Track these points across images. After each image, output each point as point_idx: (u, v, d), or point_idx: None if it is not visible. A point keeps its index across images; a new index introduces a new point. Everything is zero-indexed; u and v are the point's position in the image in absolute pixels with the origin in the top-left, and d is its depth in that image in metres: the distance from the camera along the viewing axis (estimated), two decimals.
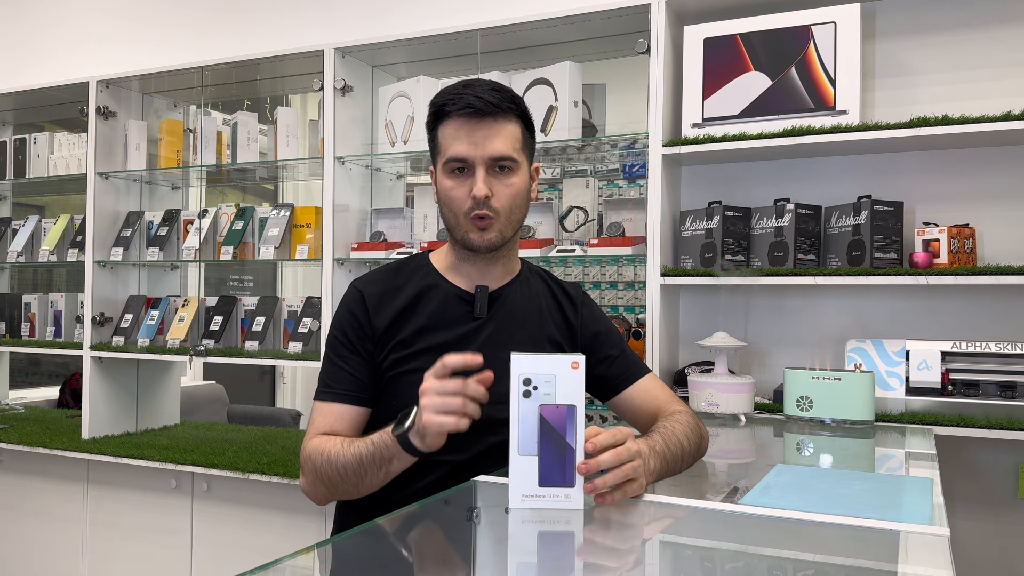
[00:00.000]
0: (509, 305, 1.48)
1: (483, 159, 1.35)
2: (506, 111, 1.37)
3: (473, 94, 1.35)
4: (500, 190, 1.37)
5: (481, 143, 1.35)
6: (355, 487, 1.31)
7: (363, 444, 1.28)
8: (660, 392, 1.53)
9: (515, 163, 1.38)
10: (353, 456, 1.28)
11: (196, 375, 4.81)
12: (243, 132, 2.86)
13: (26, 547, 2.99)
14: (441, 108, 1.38)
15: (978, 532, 2.12)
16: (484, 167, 1.36)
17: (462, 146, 1.35)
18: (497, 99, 1.35)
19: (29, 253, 3.30)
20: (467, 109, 1.34)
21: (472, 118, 1.35)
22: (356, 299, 1.45)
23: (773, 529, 1.06)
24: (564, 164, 2.85)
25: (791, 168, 2.31)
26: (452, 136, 1.37)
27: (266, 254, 2.73)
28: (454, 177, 1.38)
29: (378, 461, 1.26)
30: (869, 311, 2.22)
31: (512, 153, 1.37)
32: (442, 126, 1.39)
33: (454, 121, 1.36)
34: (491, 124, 1.35)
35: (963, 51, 2.15)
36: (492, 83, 1.38)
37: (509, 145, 1.37)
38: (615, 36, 2.39)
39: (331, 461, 1.31)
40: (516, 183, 1.39)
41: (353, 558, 1.00)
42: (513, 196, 1.39)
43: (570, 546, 1.05)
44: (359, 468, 1.28)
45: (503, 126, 1.37)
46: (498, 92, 1.37)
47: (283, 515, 2.52)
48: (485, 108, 1.34)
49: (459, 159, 1.36)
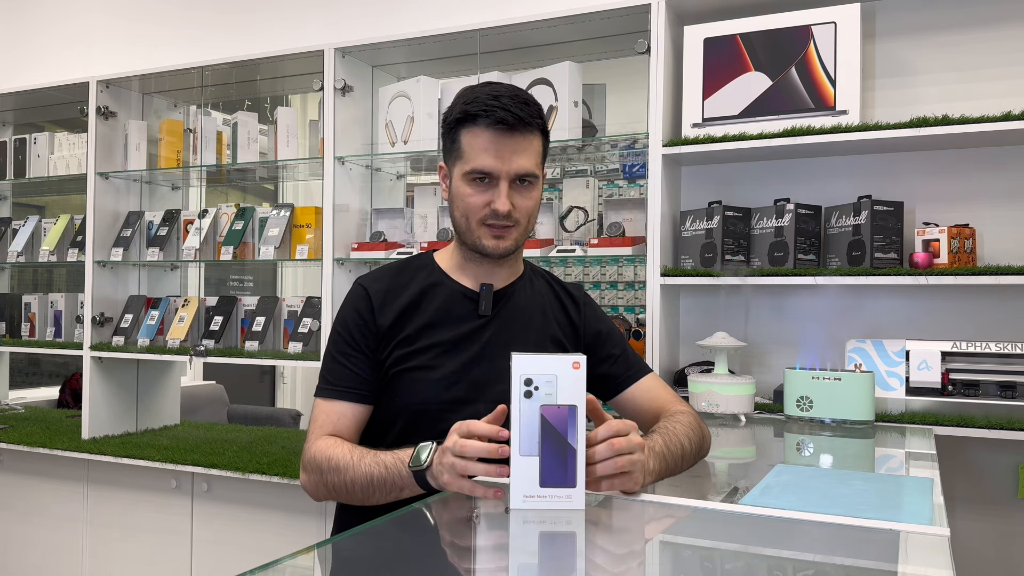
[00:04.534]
0: (513, 304, 1.49)
1: (508, 174, 1.36)
2: (533, 126, 1.37)
3: (503, 108, 1.34)
4: (521, 203, 1.39)
5: (508, 158, 1.35)
6: (361, 501, 1.32)
7: (375, 465, 1.27)
8: (662, 392, 1.53)
9: (536, 177, 1.40)
10: (364, 475, 1.27)
11: (196, 375, 4.81)
12: (243, 132, 2.86)
13: (26, 547, 2.99)
14: (470, 114, 1.36)
15: (978, 532, 2.12)
16: (508, 181, 1.36)
17: (489, 159, 1.35)
18: (527, 114, 1.36)
19: (29, 253, 3.30)
20: (499, 125, 1.34)
21: (502, 132, 1.35)
22: (360, 296, 1.45)
23: (773, 529, 1.06)
24: (564, 164, 2.85)
25: (791, 168, 2.31)
26: (479, 147, 1.36)
27: (266, 254, 2.73)
28: (475, 185, 1.38)
29: (388, 486, 1.25)
30: (869, 311, 2.22)
31: (535, 169, 1.39)
32: (467, 131, 1.38)
33: (482, 131, 1.36)
34: (518, 140, 1.36)
35: (963, 51, 2.15)
36: (520, 94, 1.38)
37: (533, 161, 1.38)
38: (615, 36, 2.39)
39: (339, 472, 1.30)
40: (535, 196, 1.41)
41: (353, 558, 1.00)
42: (532, 208, 1.41)
43: (571, 547, 1.05)
44: (368, 487, 1.27)
45: (529, 142, 1.37)
46: (527, 106, 1.37)
47: (283, 515, 2.52)
48: (516, 124, 1.34)
49: (483, 172, 1.36)
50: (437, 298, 1.45)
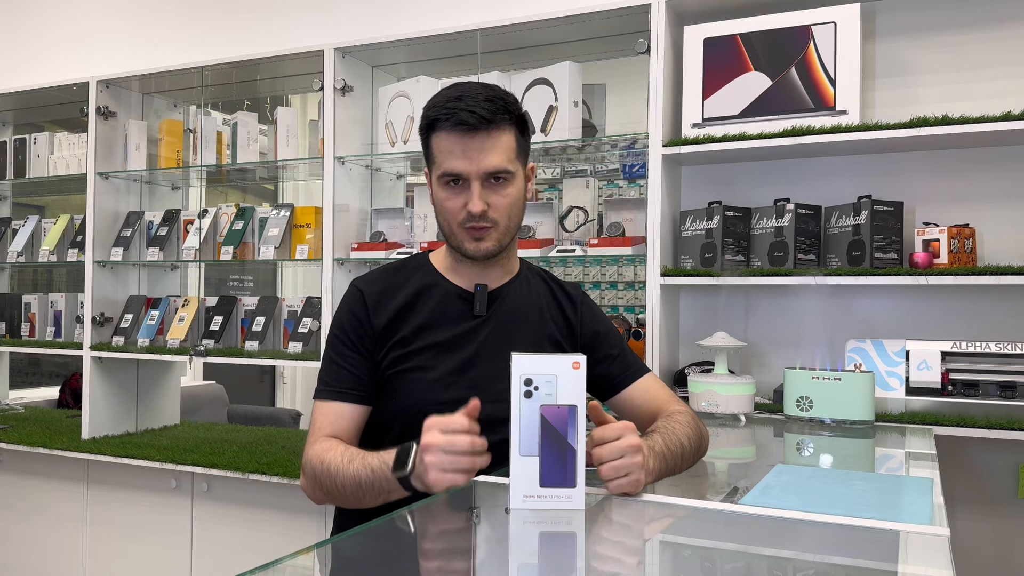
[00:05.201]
0: (509, 304, 1.48)
1: (478, 173, 1.34)
2: (499, 122, 1.34)
3: (465, 108, 1.32)
4: (496, 201, 1.37)
5: (476, 158, 1.34)
6: (353, 504, 1.32)
7: (362, 468, 1.26)
8: (660, 391, 1.53)
9: (510, 173, 1.37)
10: (352, 478, 1.27)
11: (196, 375, 4.81)
12: (243, 132, 2.86)
13: (26, 547, 2.99)
14: (434, 120, 1.36)
15: (978, 532, 2.12)
16: (479, 181, 1.35)
17: (456, 161, 1.34)
18: (490, 111, 1.33)
19: (29, 253, 3.30)
20: (460, 126, 1.32)
21: (465, 133, 1.33)
22: (356, 297, 1.45)
23: (773, 529, 1.06)
24: (564, 164, 2.85)
25: (791, 168, 2.31)
26: (446, 150, 1.35)
27: (266, 254, 2.73)
28: (448, 188, 1.37)
29: (376, 490, 1.25)
30: (869, 311, 2.22)
31: (507, 165, 1.36)
32: (435, 136, 1.37)
33: (447, 134, 1.35)
34: (484, 138, 1.33)
35: (963, 51, 2.15)
36: (486, 91, 1.35)
37: (504, 157, 1.35)
38: (615, 36, 2.39)
39: (331, 476, 1.30)
40: (512, 192, 1.38)
41: (353, 558, 1.00)
42: (509, 206, 1.38)
43: (571, 547, 1.05)
44: (357, 490, 1.27)
45: (497, 138, 1.35)
46: (491, 102, 1.34)
47: (283, 515, 2.52)
48: (478, 124, 1.32)
49: (453, 174, 1.35)
50: (432, 299, 1.45)
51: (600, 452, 1.11)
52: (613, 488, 1.13)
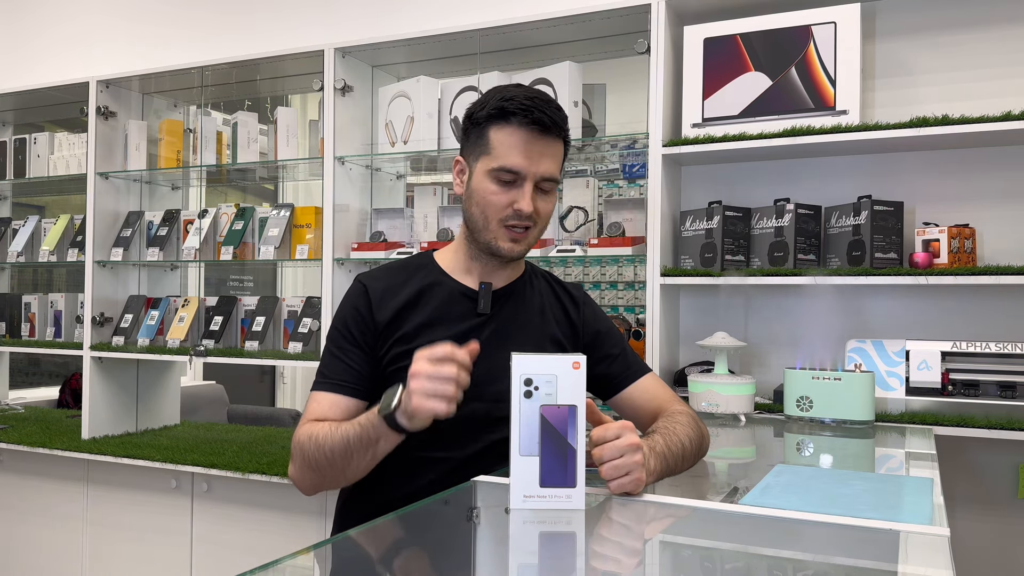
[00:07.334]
0: (512, 303, 1.49)
1: (535, 175, 1.37)
2: (561, 133, 1.40)
3: (540, 109, 1.35)
4: (541, 206, 1.40)
5: (536, 160, 1.37)
6: (342, 472, 1.32)
7: (350, 426, 1.29)
8: (661, 391, 1.53)
9: (557, 183, 1.42)
10: (340, 438, 1.28)
11: (196, 375, 4.81)
12: (243, 132, 2.86)
13: (26, 547, 2.99)
14: (506, 111, 1.36)
15: (978, 532, 2.12)
16: (533, 183, 1.37)
17: (519, 159, 1.36)
18: (559, 119, 1.38)
19: (29, 253, 3.30)
20: (534, 126, 1.35)
21: (535, 133, 1.36)
22: (360, 293, 1.45)
23: (773, 529, 1.06)
24: (564, 164, 2.85)
25: (791, 168, 2.31)
26: (510, 144, 1.36)
27: (266, 254, 2.73)
28: (499, 184, 1.38)
29: (365, 442, 1.26)
30: (869, 311, 2.22)
31: (558, 174, 1.41)
32: (498, 128, 1.38)
33: (516, 130, 1.36)
34: (548, 143, 1.38)
35: (963, 51, 2.15)
36: (551, 99, 1.40)
37: (557, 166, 1.41)
38: (615, 36, 2.39)
39: (319, 445, 1.31)
40: (553, 201, 1.44)
41: (353, 558, 1.00)
42: (550, 213, 1.44)
43: (571, 547, 1.05)
44: (346, 450, 1.28)
45: (556, 146, 1.40)
46: (560, 111, 1.39)
47: (283, 515, 2.52)
48: (551, 127, 1.36)
49: (512, 170, 1.36)
50: (436, 297, 1.45)
51: (600, 452, 1.12)
52: (614, 487, 1.13)
